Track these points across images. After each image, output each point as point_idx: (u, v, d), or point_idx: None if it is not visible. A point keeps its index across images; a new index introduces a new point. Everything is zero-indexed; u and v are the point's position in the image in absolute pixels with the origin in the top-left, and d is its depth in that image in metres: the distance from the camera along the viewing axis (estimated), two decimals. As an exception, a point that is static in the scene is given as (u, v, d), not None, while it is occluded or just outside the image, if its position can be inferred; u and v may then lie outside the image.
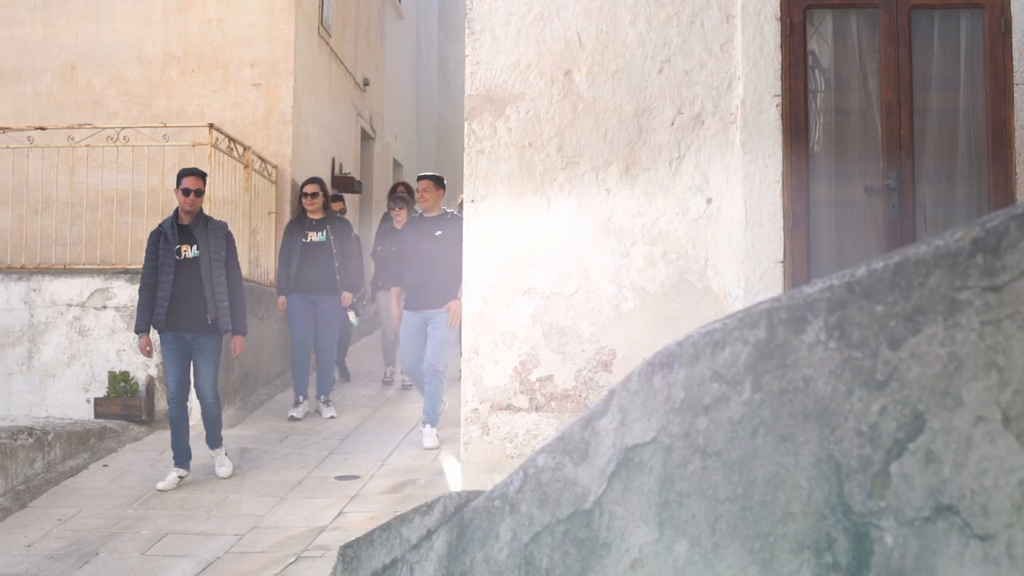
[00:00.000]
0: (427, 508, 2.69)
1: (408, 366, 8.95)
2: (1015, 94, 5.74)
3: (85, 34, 12.10)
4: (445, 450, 8.38)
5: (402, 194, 11.39)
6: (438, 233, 8.82)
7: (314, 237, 10.19)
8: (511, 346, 5.82)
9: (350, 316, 10.34)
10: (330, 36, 13.68)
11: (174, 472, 7.85)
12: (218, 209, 9.90)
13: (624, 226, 5.82)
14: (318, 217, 10.27)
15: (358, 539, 2.98)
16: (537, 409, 5.78)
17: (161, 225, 8.08)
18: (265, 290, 11.06)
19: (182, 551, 6.44)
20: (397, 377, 11.22)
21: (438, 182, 9.13)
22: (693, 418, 2.04)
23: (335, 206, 11.27)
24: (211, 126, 10.16)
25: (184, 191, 7.94)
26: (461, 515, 2.54)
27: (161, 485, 7.75)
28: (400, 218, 10.72)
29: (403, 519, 2.77)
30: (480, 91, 5.94)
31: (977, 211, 5.84)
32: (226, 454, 8.16)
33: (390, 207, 11.29)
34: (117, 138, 10.07)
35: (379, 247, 11.33)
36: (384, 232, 11.36)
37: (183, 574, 6.06)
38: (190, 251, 7.94)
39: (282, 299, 10.27)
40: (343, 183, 13.78)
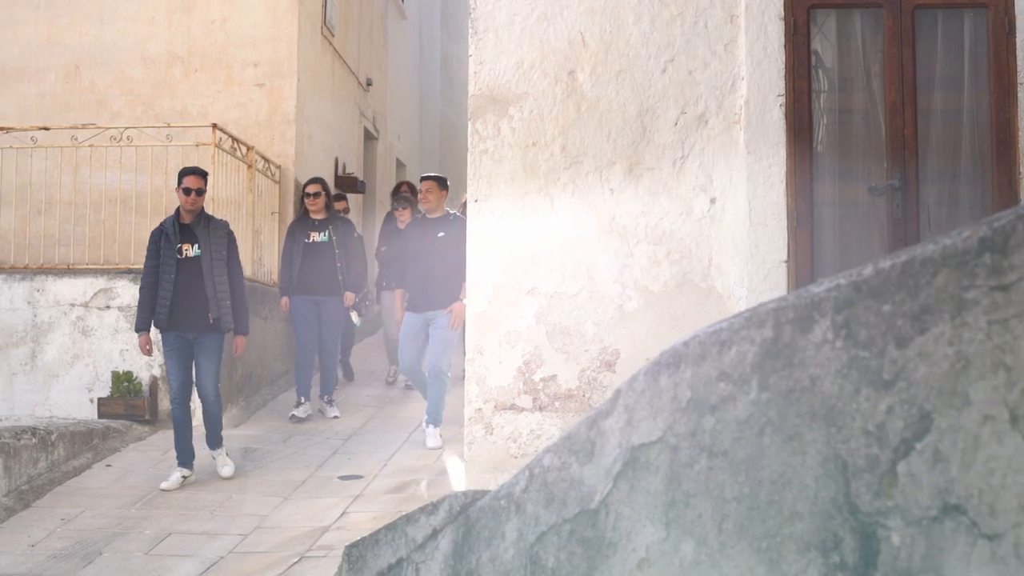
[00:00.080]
0: (432, 508, 2.69)
1: (406, 366, 8.94)
2: (1019, 94, 5.74)
3: (89, 34, 12.11)
4: (448, 450, 8.38)
5: (406, 194, 11.36)
6: (441, 234, 8.80)
7: (316, 237, 10.16)
8: (515, 346, 5.82)
9: (353, 316, 10.32)
10: (333, 36, 13.69)
11: (177, 472, 7.85)
12: (221, 209, 9.90)
13: (628, 226, 5.81)
14: (320, 217, 10.23)
15: (363, 539, 2.98)
16: (541, 409, 5.78)
17: (162, 224, 8.07)
18: (268, 290, 11.06)
19: (186, 551, 6.44)
20: (400, 377, 11.21)
21: (441, 183, 9.10)
22: (699, 418, 2.04)
23: (338, 205, 11.27)
24: (214, 126, 10.17)
25: (185, 190, 7.93)
26: (467, 515, 2.54)
27: (164, 485, 7.75)
28: (404, 218, 10.68)
29: (409, 519, 2.77)
30: (484, 91, 5.94)
31: (981, 211, 5.83)
32: (227, 454, 8.15)
33: (394, 207, 11.25)
34: (120, 138, 10.07)
35: (383, 247, 11.32)
36: (388, 232, 11.35)
37: (187, 574, 6.06)
38: (191, 250, 7.93)
39: (285, 300, 10.24)
40: (346, 183, 13.78)
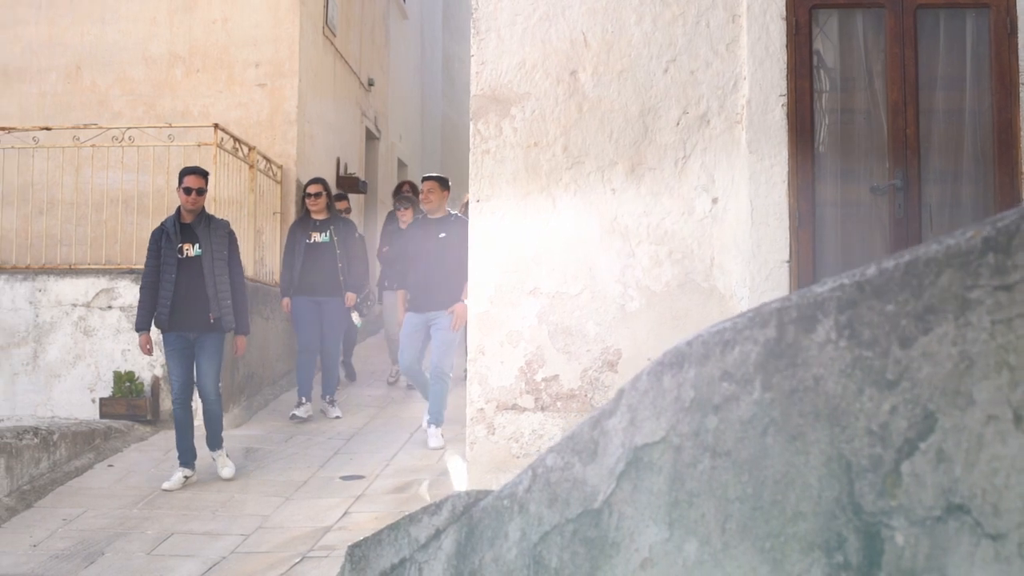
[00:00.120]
0: (436, 507, 2.69)
1: (406, 366, 8.93)
2: (1021, 94, 5.73)
3: (90, 34, 12.12)
4: (450, 450, 8.38)
5: (407, 194, 11.34)
6: (442, 235, 8.79)
7: (318, 238, 10.14)
8: (517, 346, 5.82)
9: (354, 317, 10.30)
10: (335, 36, 13.69)
11: (179, 472, 7.85)
12: (223, 209, 9.91)
13: (630, 226, 5.81)
14: (321, 218, 10.21)
15: (366, 539, 2.97)
16: (543, 409, 5.78)
17: (163, 224, 8.06)
18: (270, 290, 11.06)
19: (187, 551, 6.44)
20: (402, 378, 11.21)
21: (443, 183, 9.09)
22: (703, 417, 2.04)
23: (340, 205, 11.26)
24: (216, 126, 10.17)
25: (186, 190, 7.92)
26: (470, 514, 2.54)
27: (166, 485, 7.75)
28: (406, 218, 10.65)
29: (411, 518, 2.77)
30: (485, 91, 5.94)
31: (983, 211, 5.83)
32: (227, 455, 8.13)
33: (396, 207, 11.23)
34: (122, 138, 10.07)
35: (385, 248, 11.31)
36: (390, 232, 11.34)
37: (189, 574, 6.06)
38: (192, 250, 7.92)
39: (286, 301, 10.23)
40: (348, 183, 13.79)
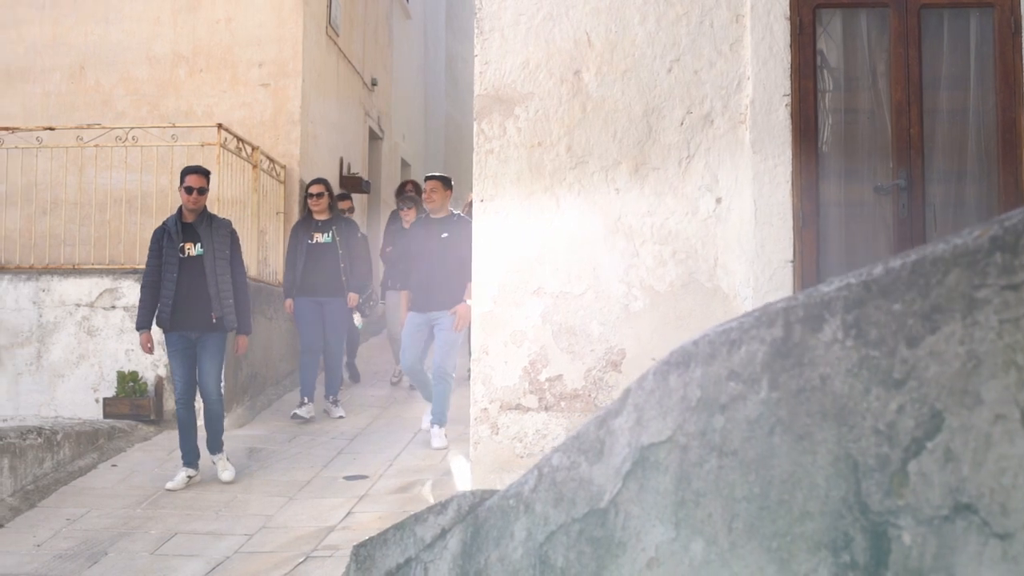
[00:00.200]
0: (441, 507, 2.69)
1: (408, 365, 8.90)
2: (1026, 93, 5.73)
3: (94, 34, 12.13)
4: (454, 450, 8.38)
5: (411, 193, 11.32)
6: (444, 235, 8.78)
7: (320, 238, 10.13)
8: (520, 346, 5.82)
9: (355, 319, 10.28)
10: (338, 36, 13.70)
11: (183, 472, 7.85)
12: (226, 209, 9.91)
13: (633, 226, 5.81)
14: (324, 218, 10.19)
15: (372, 538, 2.97)
16: (547, 409, 5.78)
17: (165, 223, 8.04)
18: (274, 290, 11.06)
19: (191, 551, 6.44)
20: (406, 378, 11.19)
21: (446, 183, 9.08)
22: (709, 417, 2.03)
23: (343, 205, 11.24)
24: (219, 126, 10.17)
25: (187, 189, 7.90)
26: (475, 514, 2.54)
27: (170, 485, 7.75)
28: (409, 218, 10.60)
29: (417, 518, 2.77)
30: (489, 91, 5.94)
31: (987, 211, 5.83)
32: (227, 459, 8.08)
33: (399, 206, 11.22)
34: (126, 138, 10.08)
35: (388, 247, 11.30)
36: (393, 232, 11.33)
37: (192, 574, 6.06)
38: (194, 249, 7.90)
39: (289, 302, 10.21)
40: (351, 183, 13.79)
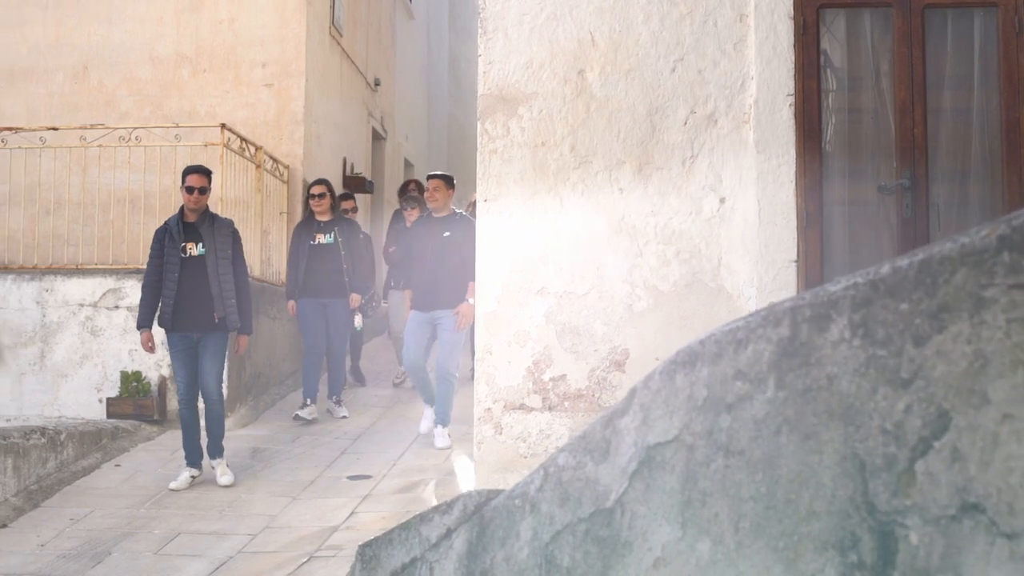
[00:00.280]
0: (447, 507, 2.68)
1: (410, 364, 8.88)
2: (1030, 93, 5.72)
3: (97, 34, 12.13)
4: (457, 450, 8.38)
5: (414, 193, 11.32)
6: (447, 234, 8.78)
7: (322, 239, 10.12)
8: (524, 346, 5.81)
9: (356, 320, 10.24)
10: (341, 36, 13.70)
11: (186, 472, 7.85)
12: (230, 209, 9.91)
13: (637, 225, 5.81)
14: (326, 219, 10.18)
15: (377, 538, 2.97)
16: (550, 409, 5.77)
17: (167, 223, 8.02)
18: (277, 290, 11.06)
19: (195, 551, 6.45)
20: (408, 379, 11.18)
21: (448, 182, 9.08)
22: (716, 416, 2.03)
23: (346, 205, 11.24)
24: (223, 126, 10.17)
25: (188, 188, 7.88)
26: (481, 514, 2.54)
27: (173, 485, 7.76)
28: (412, 217, 10.59)
29: (422, 518, 2.77)
30: (493, 90, 5.93)
31: (991, 211, 5.82)
32: (227, 465, 8.02)
33: (402, 206, 11.22)
34: (129, 138, 10.08)
35: (391, 247, 11.29)
36: (396, 232, 11.32)
37: (196, 574, 6.06)
38: (195, 249, 7.88)
39: (292, 303, 10.20)
40: (354, 183, 13.79)
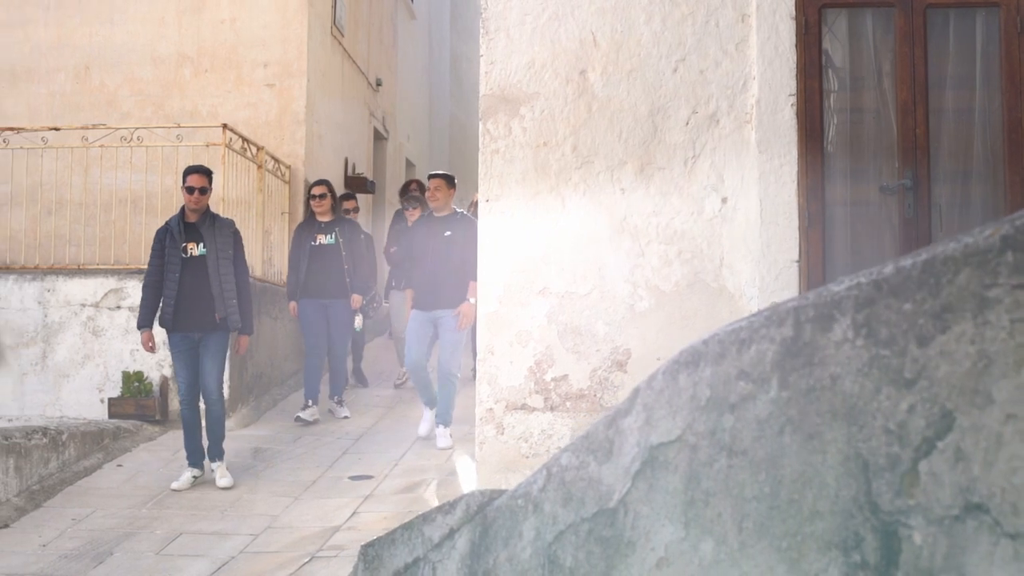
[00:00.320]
0: (450, 507, 2.68)
1: (412, 363, 8.85)
2: (1032, 93, 5.72)
3: (99, 35, 12.13)
4: (459, 450, 8.38)
5: (415, 193, 11.32)
6: (448, 233, 8.78)
7: (323, 240, 10.10)
8: (526, 346, 5.81)
9: (356, 321, 10.21)
10: (343, 36, 13.70)
11: (188, 472, 7.85)
12: (231, 209, 9.91)
13: (639, 225, 5.81)
14: (326, 220, 10.17)
15: (380, 538, 2.97)
16: (552, 409, 5.77)
17: (168, 223, 8.01)
18: (279, 290, 11.06)
19: (197, 551, 6.45)
20: (409, 381, 11.16)
21: (449, 181, 9.08)
22: (719, 416, 2.03)
23: (348, 205, 11.24)
24: (225, 126, 10.17)
25: (188, 189, 7.87)
26: (484, 514, 2.53)
27: (175, 485, 7.75)
28: (414, 217, 10.58)
29: (425, 518, 2.76)
30: (495, 90, 5.93)
31: (993, 211, 5.82)
32: (227, 468, 7.99)
33: (404, 206, 11.21)
34: (131, 138, 10.08)
35: (392, 248, 11.29)
36: (397, 232, 11.31)
37: (198, 574, 6.06)
38: (196, 249, 7.86)
39: (293, 305, 10.18)
40: (356, 183, 13.79)
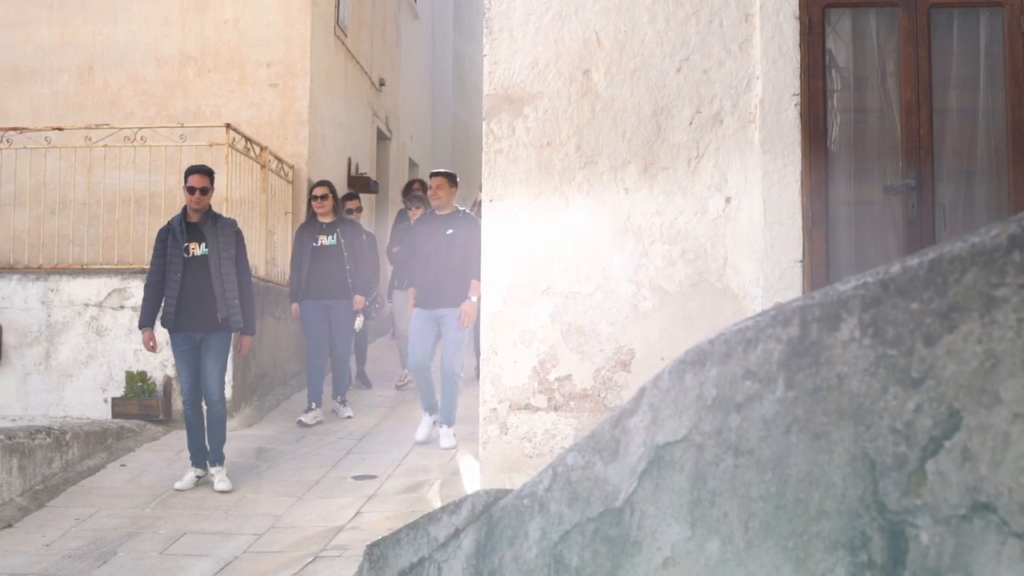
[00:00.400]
0: (455, 507, 2.68)
1: (416, 362, 8.84)
2: (1036, 93, 5.72)
3: (102, 34, 12.14)
4: (462, 450, 8.38)
5: (418, 192, 11.32)
6: (450, 232, 8.78)
7: (324, 241, 10.07)
8: (530, 346, 5.81)
9: (356, 321, 10.19)
10: (346, 36, 13.70)
11: (191, 472, 7.86)
12: (235, 209, 9.91)
13: (643, 225, 5.81)
14: (328, 220, 10.14)
15: (385, 538, 2.97)
16: (556, 409, 5.77)
17: (170, 223, 8.00)
18: (282, 290, 11.06)
19: (200, 551, 6.45)
20: (411, 382, 11.16)
21: (451, 179, 9.07)
22: (725, 416, 2.03)
23: (351, 205, 11.24)
24: (228, 126, 10.17)
25: (190, 189, 7.86)
26: (489, 514, 2.53)
27: (179, 485, 7.76)
28: (417, 217, 10.60)
29: (431, 518, 2.76)
30: (498, 90, 5.93)
31: (997, 210, 5.81)
32: (231, 467, 8.00)
33: (407, 205, 11.21)
34: (134, 138, 10.09)
35: (395, 247, 11.29)
36: (400, 231, 11.30)
37: (201, 574, 6.06)
38: (198, 249, 7.85)
39: (295, 306, 10.16)
40: (359, 183, 13.80)
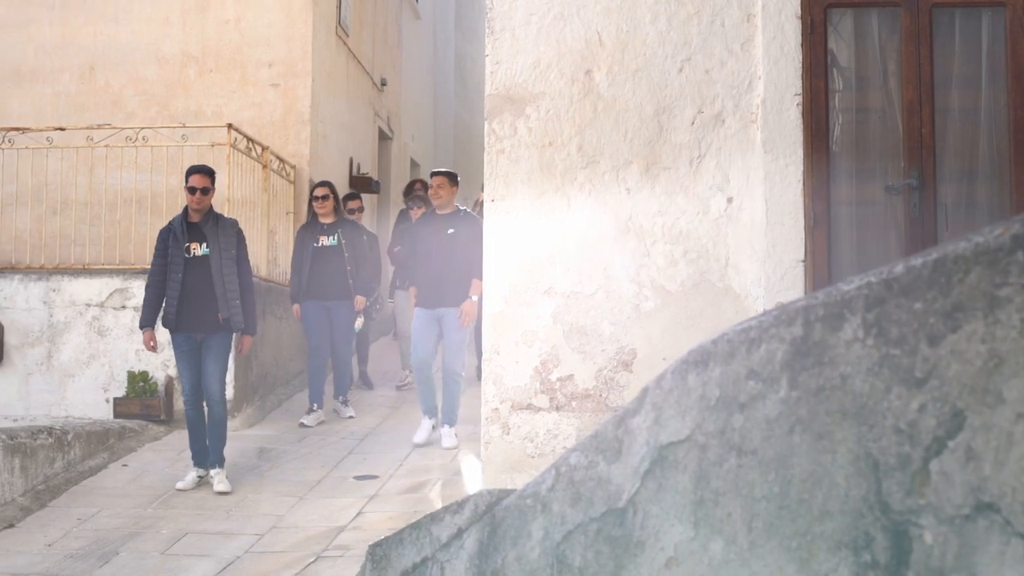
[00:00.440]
0: (458, 507, 2.68)
1: (418, 361, 8.83)
2: (1038, 92, 5.71)
3: (103, 34, 12.15)
4: (464, 450, 8.38)
5: (419, 192, 11.33)
6: (450, 231, 8.78)
7: (325, 241, 10.05)
8: (532, 346, 5.81)
9: (357, 322, 10.17)
10: (348, 36, 13.71)
11: (193, 472, 7.85)
12: (236, 209, 9.91)
13: (644, 225, 5.81)
14: (329, 221, 10.12)
15: (387, 538, 2.97)
16: (558, 409, 5.77)
17: (171, 223, 7.99)
18: (283, 290, 11.06)
19: (202, 551, 6.45)
20: (412, 383, 11.15)
21: (452, 178, 9.08)
22: (728, 416, 2.03)
23: (353, 204, 11.24)
24: (230, 126, 10.18)
25: (191, 189, 7.85)
26: (492, 514, 2.53)
27: (180, 485, 7.76)
28: (418, 217, 10.62)
29: (433, 518, 2.76)
30: (500, 90, 5.93)
31: (999, 210, 5.81)
32: (232, 467, 7.99)
33: (408, 205, 11.21)
34: (136, 138, 10.09)
35: (396, 247, 11.28)
36: (402, 231, 11.30)
37: (203, 574, 6.07)
38: (199, 249, 7.84)
39: (296, 307, 10.15)
40: (361, 183, 13.80)
